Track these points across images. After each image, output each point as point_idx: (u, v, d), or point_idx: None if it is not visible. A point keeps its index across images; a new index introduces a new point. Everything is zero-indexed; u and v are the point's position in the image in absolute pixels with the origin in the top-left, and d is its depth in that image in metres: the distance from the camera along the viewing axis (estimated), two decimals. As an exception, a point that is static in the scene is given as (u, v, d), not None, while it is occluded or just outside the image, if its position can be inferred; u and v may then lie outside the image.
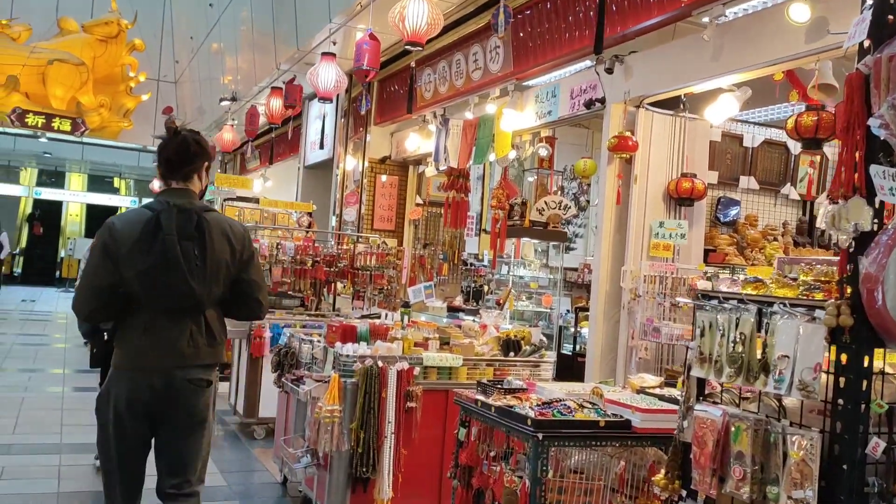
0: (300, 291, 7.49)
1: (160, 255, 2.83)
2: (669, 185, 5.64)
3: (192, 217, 2.90)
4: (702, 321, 2.06)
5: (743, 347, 1.93)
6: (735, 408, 2.05)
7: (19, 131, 17.29)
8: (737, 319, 1.96)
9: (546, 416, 2.83)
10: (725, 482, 1.97)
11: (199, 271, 2.88)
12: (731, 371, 1.95)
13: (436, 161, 8.30)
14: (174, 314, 2.92)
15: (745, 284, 2.08)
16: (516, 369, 4.75)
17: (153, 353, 2.90)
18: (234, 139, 11.67)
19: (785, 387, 1.83)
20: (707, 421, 2.00)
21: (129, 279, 2.85)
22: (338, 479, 4.31)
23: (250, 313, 3.20)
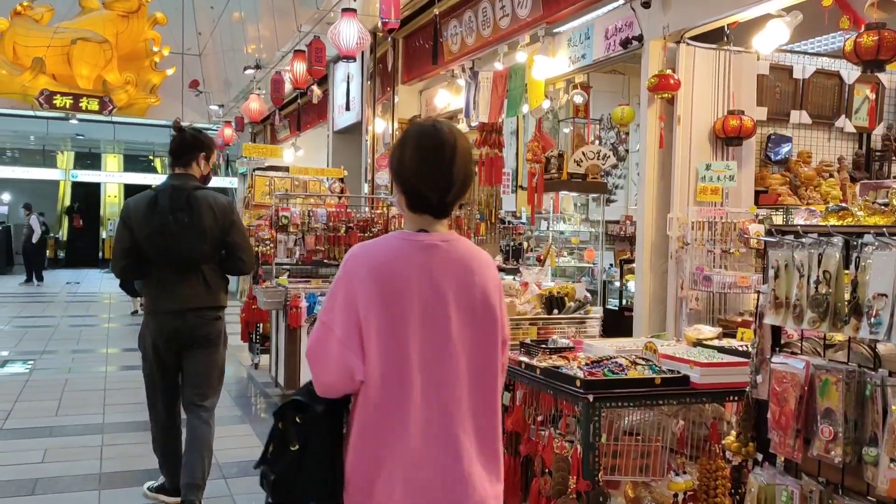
0: (335, 259, 7.32)
1: (157, 224, 3.81)
2: (715, 124, 5.29)
3: (184, 194, 3.85)
4: (776, 260, 1.79)
5: (828, 288, 1.66)
6: (820, 358, 1.78)
7: (51, 114, 17.37)
8: (819, 256, 1.69)
9: (596, 376, 2.59)
10: (811, 444, 1.72)
11: (190, 234, 3.83)
12: (814, 316, 1.68)
13: (466, 117, 8.00)
14: (178, 270, 3.87)
15: (827, 214, 1.80)
16: (561, 327, 4.49)
17: (167, 299, 3.90)
18: (261, 109, 11.47)
19: (883, 330, 1.56)
20: (787, 375, 1.74)
21: (140, 243, 3.86)
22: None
23: (235, 268, 4.11)
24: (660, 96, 5.21)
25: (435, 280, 1.86)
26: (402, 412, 1.82)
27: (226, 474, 4.78)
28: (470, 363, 1.88)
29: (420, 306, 1.84)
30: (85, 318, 12.11)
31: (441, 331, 1.86)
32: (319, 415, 1.89)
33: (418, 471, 1.82)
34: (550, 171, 7.58)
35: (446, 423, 1.84)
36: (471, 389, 1.88)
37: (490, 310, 1.92)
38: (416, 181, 1.89)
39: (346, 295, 1.85)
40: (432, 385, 1.84)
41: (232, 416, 6.26)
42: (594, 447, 2.54)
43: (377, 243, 1.94)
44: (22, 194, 25.09)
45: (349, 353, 1.83)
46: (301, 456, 1.88)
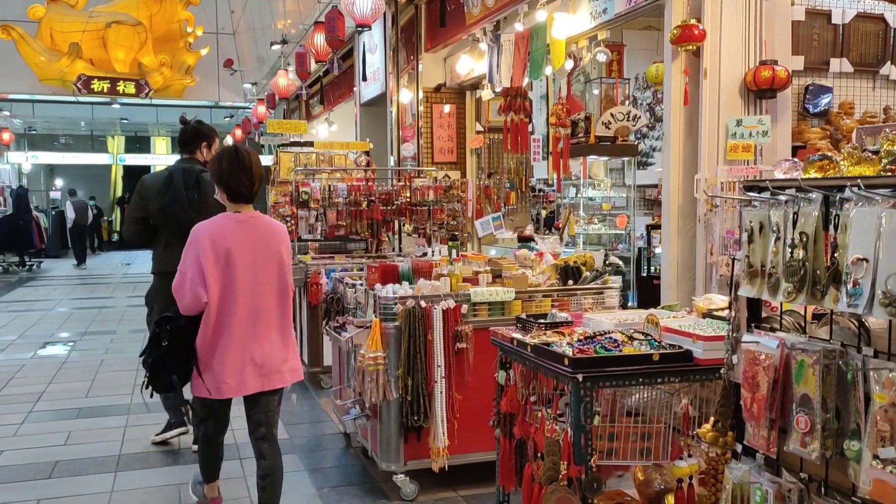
0: (357, 234, 7.18)
1: (171, 198, 4.50)
2: (746, 76, 4.93)
3: (193, 175, 4.58)
4: (749, 222, 1.55)
5: (805, 252, 1.41)
6: (798, 335, 1.53)
7: (95, 100, 17.61)
8: (794, 215, 1.44)
9: (587, 354, 2.38)
10: (788, 436, 1.49)
11: (196, 207, 4.45)
12: (789, 286, 1.44)
13: (490, 82, 7.72)
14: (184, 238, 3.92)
15: (807, 165, 1.55)
16: (577, 298, 4.29)
17: (172, 262, 3.87)
18: (289, 84, 11.36)
19: (863, 302, 1.31)
20: (759, 355, 1.51)
21: (153, 213, 4.54)
22: (388, 430, 4.02)
23: None
24: (683, 49, 4.88)
25: (246, 240, 3.22)
26: (230, 319, 3.19)
27: (242, 455, 4.72)
28: (272, 287, 3.28)
29: (237, 256, 3.18)
30: (130, 300, 12.29)
31: (251, 269, 3.21)
32: (182, 325, 3.22)
33: (241, 352, 3.21)
34: (577, 134, 7.27)
35: (259, 323, 3.24)
36: (273, 303, 3.28)
37: (279, 256, 3.31)
38: (231, 182, 3.24)
39: (194, 253, 3.17)
40: (249, 301, 3.21)
41: (257, 395, 6.21)
42: (585, 430, 2.33)
43: (211, 221, 3.25)
44: (77, 180, 25.71)
45: (197, 286, 3.15)
46: (170, 349, 3.20)
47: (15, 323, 10.01)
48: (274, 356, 3.26)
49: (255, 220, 3.26)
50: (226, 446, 4.67)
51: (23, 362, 7.48)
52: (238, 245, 3.17)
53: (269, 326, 3.26)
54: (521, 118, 7.69)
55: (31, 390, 6.34)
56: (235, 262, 3.15)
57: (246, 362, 3.20)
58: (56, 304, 11.89)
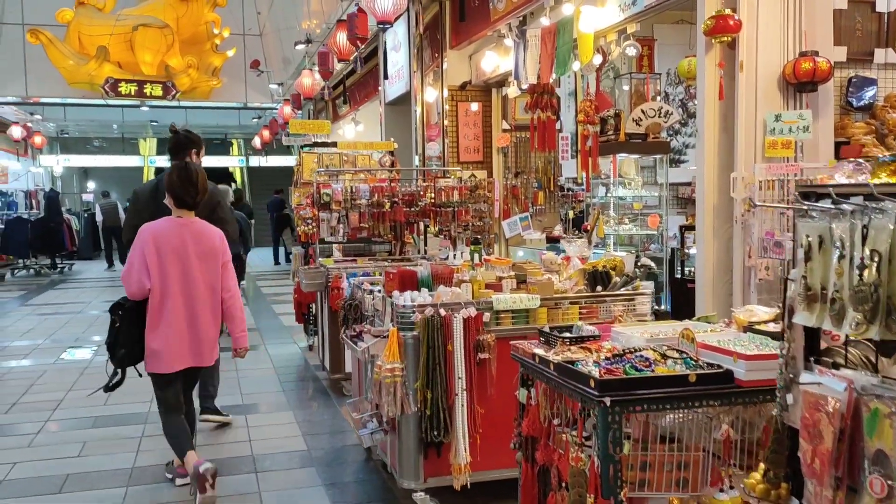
0: (380, 236, 7.01)
1: (157, 205, 4.53)
2: (785, 68, 4.65)
3: None
4: (806, 235, 1.32)
5: (877, 275, 1.19)
6: (869, 374, 1.30)
7: (125, 102, 17.70)
8: (864, 229, 1.21)
9: (615, 374, 2.16)
10: (858, 497, 1.25)
11: None
12: (858, 316, 1.21)
13: (516, 79, 7.49)
14: None
15: (876, 168, 1.31)
16: (606, 306, 4.05)
17: None
18: (313, 84, 11.23)
19: None
20: (822, 400, 1.28)
21: (144, 220, 4.40)
22: (408, 445, 3.82)
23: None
24: (718, 40, 4.62)
25: (184, 240, 3.95)
26: (170, 302, 3.90)
27: (258, 468, 4.57)
28: (204, 279, 3.99)
29: (177, 252, 3.92)
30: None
31: (188, 263, 3.95)
32: (130, 308, 3.96)
33: (181, 332, 3.93)
34: (607, 132, 7.02)
35: (194, 307, 3.96)
36: (205, 290, 3.99)
37: (214, 253, 4.03)
38: (180, 192, 3.97)
39: (140, 249, 3.88)
40: (185, 289, 3.93)
41: (277, 402, 6.08)
42: (614, 460, 2.11)
43: (156, 223, 4.00)
44: (109, 182, 25.94)
45: (142, 276, 3.87)
46: (123, 330, 3.94)
47: (43, 326, 10.02)
48: (208, 335, 4.05)
49: (193, 224, 4.04)
50: (240, 459, 4.54)
51: (45, 368, 7.43)
52: (176, 243, 3.93)
53: (203, 309, 4.01)
54: (549, 116, 7.45)
55: (50, 398, 6.26)
56: (174, 257, 3.92)
57: (185, 340, 3.96)
58: (85, 306, 11.92)
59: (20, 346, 8.73)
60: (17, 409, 6.02)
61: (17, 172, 19.99)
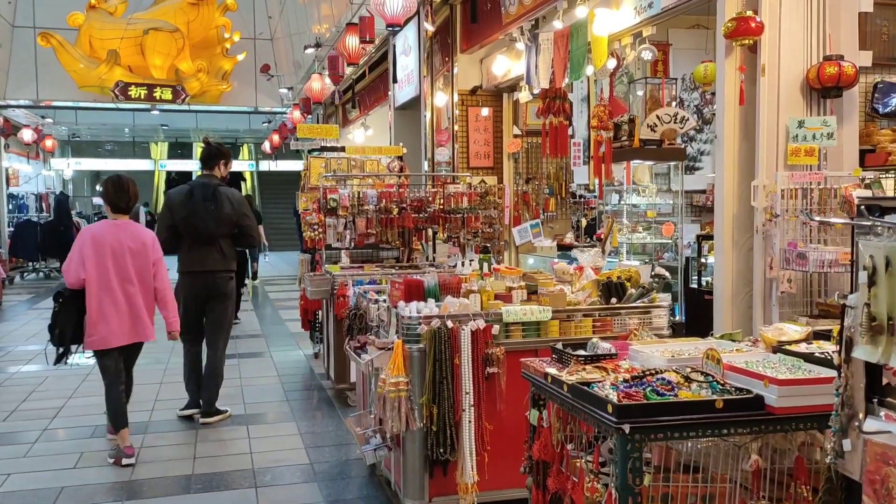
0: (387, 242, 6.85)
1: (191, 209, 5.40)
2: (809, 73, 4.47)
3: (210, 189, 5.47)
4: (870, 256, 1.15)
5: None
6: None
7: (136, 106, 17.66)
8: None
9: (635, 399, 1.99)
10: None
11: (213, 218, 5.46)
12: None
13: (528, 83, 7.32)
14: (202, 242, 5.48)
15: None
16: (621, 319, 3.88)
17: (196, 264, 5.52)
18: (323, 88, 11.12)
19: None
20: (890, 450, 1.11)
21: (177, 222, 5.45)
22: (412, 463, 3.66)
23: (246, 242, 5.91)
24: (738, 43, 4.44)
25: (120, 239, 4.70)
26: (107, 290, 4.64)
27: (258, 482, 4.41)
28: (137, 271, 4.74)
29: (113, 249, 4.67)
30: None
31: (124, 258, 4.70)
32: (71, 295, 4.68)
33: (115, 315, 4.65)
34: (620, 138, 6.83)
35: (128, 294, 4.70)
36: (136, 281, 4.74)
37: (146, 250, 4.78)
38: (114, 200, 4.77)
39: (79, 246, 4.65)
40: (119, 280, 4.67)
41: (280, 413, 5.93)
42: (633, 492, 1.94)
43: (95, 225, 4.88)
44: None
45: (79, 269, 4.61)
46: (61, 314, 4.67)
47: (47, 331, 9.91)
48: (141, 317, 4.77)
49: (126, 225, 4.82)
50: (240, 472, 4.40)
51: (47, 374, 7.31)
52: (113, 241, 4.69)
53: (135, 297, 4.75)
54: (561, 121, 7.27)
55: (50, 405, 6.14)
56: (111, 253, 4.67)
57: (120, 322, 4.68)
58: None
59: (24, 350, 8.63)
60: (15, 416, 5.90)
61: (28, 175, 19.99)
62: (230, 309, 5.80)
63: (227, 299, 5.68)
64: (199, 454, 4.95)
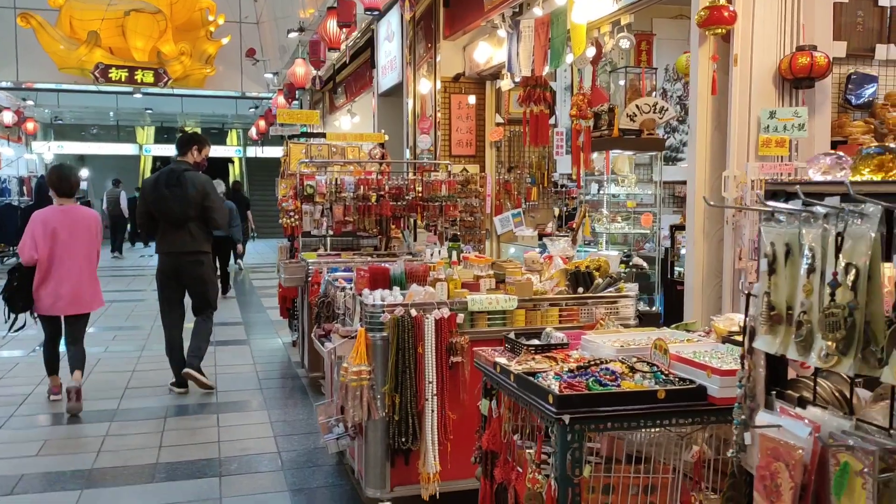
0: (365, 230, 6.81)
1: (159, 194, 5.77)
2: (781, 63, 4.44)
3: (176, 174, 5.81)
4: (771, 243, 1.12)
5: (853, 295, 0.98)
6: (842, 416, 1.08)
7: (118, 89, 17.48)
8: (839, 237, 1.00)
9: (577, 389, 1.97)
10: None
11: (178, 202, 5.76)
12: (828, 345, 1.00)
13: (510, 71, 7.27)
14: (174, 226, 5.81)
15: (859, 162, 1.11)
16: (587, 308, 3.86)
17: (167, 245, 5.88)
18: (307, 73, 11.02)
19: None
20: (781, 446, 1.07)
21: (150, 207, 5.84)
22: (374, 452, 3.64)
23: (212, 223, 5.98)
24: (711, 32, 4.41)
25: (64, 221, 5.45)
26: (54, 267, 5.39)
27: (223, 471, 4.38)
28: (81, 249, 5.49)
29: (58, 229, 5.40)
30: (143, 294, 12.09)
31: (69, 238, 5.45)
32: (26, 271, 5.41)
33: (61, 287, 5.42)
34: (600, 127, 6.81)
35: (72, 269, 5.44)
36: (82, 258, 5.50)
37: (90, 230, 5.56)
38: (59, 186, 5.55)
39: (31, 228, 5.39)
40: (66, 258, 5.41)
41: (253, 401, 5.89)
42: (572, 483, 1.92)
43: (45, 209, 5.57)
44: (107, 170, 25.73)
45: (31, 250, 5.37)
46: (17, 287, 5.41)
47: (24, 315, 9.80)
48: (83, 291, 5.50)
49: (72, 208, 5.56)
50: (206, 462, 4.37)
51: (18, 360, 7.25)
52: (59, 223, 5.40)
53: (80, 273, 5.48)
54: (542, 109, 7.21)
55: (17, 391, 6.09)
56: (57, 233, 5.38)
57: (65, 294, 5.40)
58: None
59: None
60: (-17, 402, 5.84)
61: (10, 159, 19.78)
62: (208, 289, 6.11)
63: (205, 279, 6.03)
64: (166, 443, 4.91)
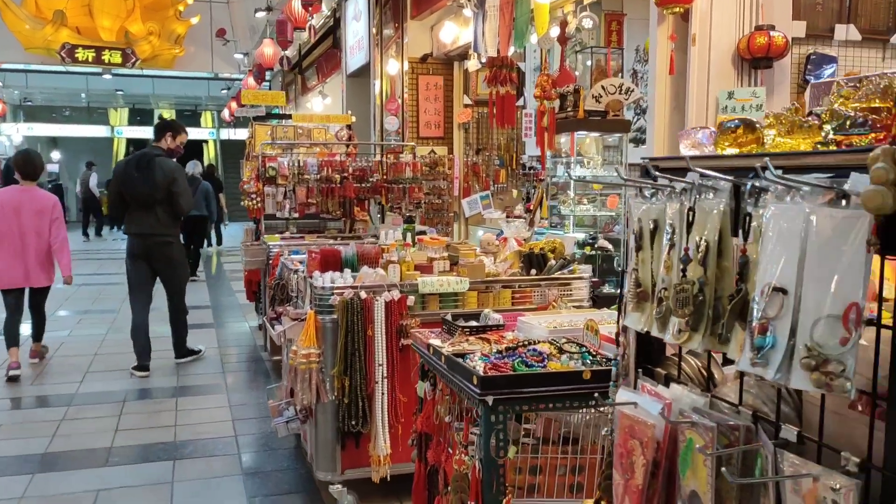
0: (328, 212, 6.74)
1: (128, 177, 5.96)
2: (739, 43, 4.43)
3: (146, 158, 5.99)
4: (638, 220, 1.09)
5: (703, 271, 0.94)
6: (700, 393, 1.05)
7: (88, 70, 17.16)
8: (690, 212, 0.97)
9: (502, 370, 1.94)
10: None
11: (145, 185, 5.92)
12: (679, 322, 0.98)
13: (476, 51, 7.19)
14: (142, 208, 5.96)
15: (720, 136, 1.08)
16: (541, 290, 3.83)
17: (136, 227, 6.03)
18: (275, 53, 10.86)
19: (776, 360, 0.85)
20: (637, 423, 1.04)
21: (120, 188, 6.01)
22: (324, 436, 3.61)
23: (178, 207, 6.05)
24: (670, 11, 4.37)
25: (23, 201, 5.88)
26: (10, 244, 5.85)
27: (177, 455, 4.34)
28: (35, 228, 5.91)
29: (16, 209, 5.82)
30: (113, 277, 11.94)
31: (25, 217, 5.87)
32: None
33: (18, 263, 5.88)
34: (566, 108, 6.78)
35: (26, 247, 5.88)
36: (36, 237, 5.92)
37: (44, 211, 5.96)
38: (23, 169, 6.03)
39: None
40: (22, 235, 5.85)
41: (213, 385, 5.84)
42: (496, 465, 1.90)
43: (4, 189, 6.14)
44: (79, 153, 25.31)
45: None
46: None
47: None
48: (38, 267, 5.92)
49: (32, 190, 5.98)
50: (161, 445, 4.34)
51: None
52: (16, 203, 5.79)
53: (37, 250, 5.91)
54: (508, 90, 7.13)
55: (-26, 376, 5.99)
56: (15, 213, 5.75)
57: (17, 269, 5.83)
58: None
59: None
60: (-62, 387, 5.75)
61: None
62: (177, 270, 6.24)
63: (173, 261, 6.16)
64: (122, 426, 4.85)
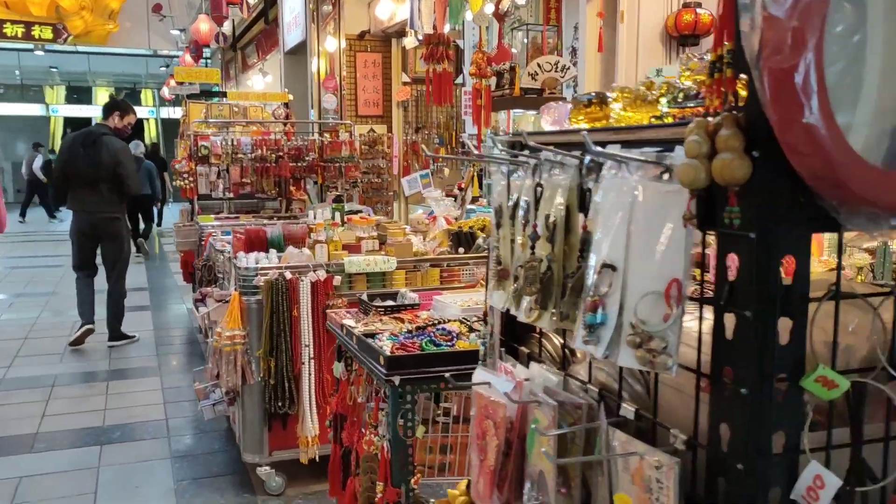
0: (263, 192, 6.64)
1: (72, 154, 5.94)
2: (667, 20, 4.48)
3: (92, 136, 5.97)
4: (497, 195, 1.09)
5: (551, 248, 0.95)
6: (556, 372, 1.06)
7: (19, 46, 16.50)
8: (538, 188, 0.97)
9: (409, 350, 1.93)
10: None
11: (90, 163, 5.89)
12: (530, 299, 0.98)
13: (412, 28, 7.12)
14: (86, 186, 5.94)
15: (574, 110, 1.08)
16: (469, 269, 3.84)
17: (80, 204, 6.02)
18: (211, 30, 10.60)
19: (605, 338, 0.85)
20: (491, 404, 1.04)
21: (64, 166, 6.01)
22: (251, 417, 3.56)
23: (125, 188, 6.03)
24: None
25: None
26: None
27: (104, 440, 4.25)
28: None
29: None
30: (48, 259, 11.60)
31: None
32: None
33: None
34: (503, 86, 6.76)
35: None
36: None
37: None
38: None
39: None
40: None
41: (146, 368, 5.72)
42: (405, 445, 1.90)
43: None
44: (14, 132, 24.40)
45: None
46: None
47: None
48: None
49: None
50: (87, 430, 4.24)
51: None
52: None
53: None
54: (445, 68, 7.12)
55: None
56: None
57: None
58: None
59: None
60: None
61: None
62: (122, 247, 6.22)
63: (116, 238, 6.15)
64: (50, 412, 4.73)
